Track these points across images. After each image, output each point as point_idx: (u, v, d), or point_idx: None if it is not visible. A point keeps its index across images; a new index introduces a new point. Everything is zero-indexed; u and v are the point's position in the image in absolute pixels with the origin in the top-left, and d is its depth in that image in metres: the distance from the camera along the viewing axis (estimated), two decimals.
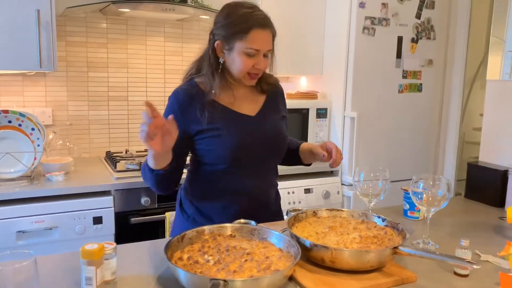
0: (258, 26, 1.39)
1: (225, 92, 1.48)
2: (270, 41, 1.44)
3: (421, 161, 2.95)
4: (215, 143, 1.44)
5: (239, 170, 1.49)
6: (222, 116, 1.46)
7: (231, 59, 1.44)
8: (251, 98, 1.55)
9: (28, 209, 1.97)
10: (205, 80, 1.47)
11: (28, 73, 2.49)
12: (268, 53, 1.45)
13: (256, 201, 1.54)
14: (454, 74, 2.99)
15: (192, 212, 1.55)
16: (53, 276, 1.13)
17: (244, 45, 1.39)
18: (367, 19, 2.56)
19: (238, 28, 1.39)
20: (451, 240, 1.45)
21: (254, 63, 1.42)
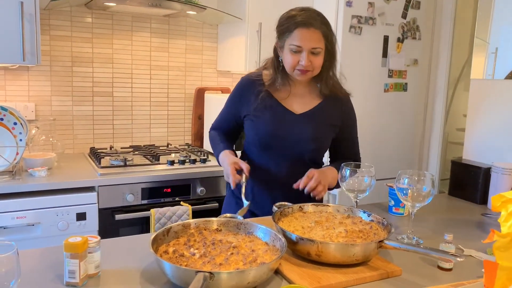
0: (301, 26, 1.48)
1: (283, 87, 1.61)
2: (315, 39, 1.49)
3: (405, 159, 2.98)
4: (254, 125, 1.62)
5: (268, 158, 1.62)
6: (268, 107, 1.60)
7: (283, 57, 1.56)
8: (306, 98, 1.64)
9: (9, 205, 1.93)
10: (271, 73, 1.62)
11: (10, 66, 2.45)
12: (317, 51, 1.50)
13: (284, 193, 1.58)
14: (439, 74, 3.03)
15: (229, 193, 1.77)
16: (35, 270, 1.10)
17: (289, 42, 1.51)
18: (354, 17, 2.58)
19: (285, 27, 1.52)
20: (435, 236, 1.47)
21: (298, 59, 1.51)
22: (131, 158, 2.41)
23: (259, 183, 1.64)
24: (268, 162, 1.62)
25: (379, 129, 2.80)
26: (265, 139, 1.59)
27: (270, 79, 1.62)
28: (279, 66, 1.60)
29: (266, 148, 1.61)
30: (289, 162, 1.61)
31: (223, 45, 2.97)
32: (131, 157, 2.44)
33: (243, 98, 1.65)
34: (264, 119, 1.59)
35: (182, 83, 2.96)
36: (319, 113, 1.62)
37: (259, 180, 1.64)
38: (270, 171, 1.62)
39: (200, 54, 2.98)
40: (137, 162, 2.41)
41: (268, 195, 1.63)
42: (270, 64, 1.64)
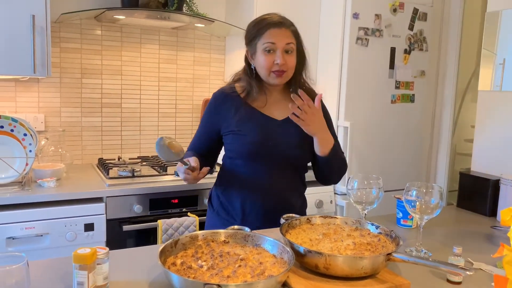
0: (272, 26, 1.51)
1: (259, 96, 1.61)
2: (287, 36, 1.52)
3: (413, 171, 2.96)
4: (238, 139, 1.58)
5: (257, 169, 1.59)
6: (249, 116, 1.59)
7: (256, 61, 1.57)
8: (284, 104, 1.63)
9: (18, 215, 1.95)
10: (243, 84, 1.62)
11: (21, 78, 2.48)
12: (290, 48, 1.52)
13: (273, 203, 1.60)
14: (446, 86, 3.03)
15: (217, 205, 1.69)
16: (44, 281, 1.11)
17: (261, 42, 1.52)
18: (361, 29, 2.59)
19: (255, 32, 1.55)
20: (443, 249, 1.46)
21: (273, 59, 1.51)
22: (139, 169, 2.42)
23: (249, 195, 1.61)
24: (256, 172, 1.59)
25: (386, 141, 2.80)
26: (252, 149, 1.57)
27: (244, 90, 1.60)
28: (252, 75, 1.60)
29: (253, 158, 1.58)
30: (278, 169, 1.60)
31: (230, 57, 3.00)
32: (139, 168, 2.45)
33: (220, 114, 1.62)
34: (249, 129, 1.57)
35: (190, 95, 2.98)
36: None
37: (250, 191, 1.61)
38: (259, 180, 1.60)
39: (208, 66, 3.00)
40: (145, 173, 2.42)
41: (260, 206, 1.60)
42: (242, 75, 1.64)
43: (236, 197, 1.62)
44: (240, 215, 1.62)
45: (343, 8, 2.58)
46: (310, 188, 2.61)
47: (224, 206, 1.66)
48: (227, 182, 1.67)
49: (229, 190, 1.65)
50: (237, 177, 1.62)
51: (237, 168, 1.62)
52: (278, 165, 1.59)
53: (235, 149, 1.60)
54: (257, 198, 1.60)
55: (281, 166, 1.60)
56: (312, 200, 2.60)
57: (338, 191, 2.70)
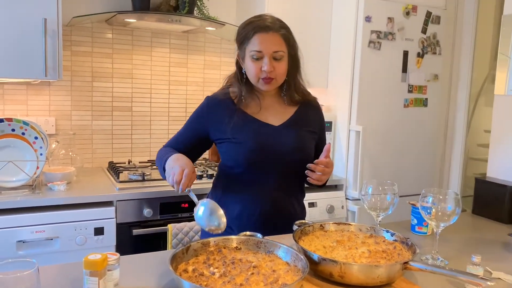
0: (259, 30, 1.44)
1: (253, 101, 1.55)
2: (275, 43, 1.44)
3: (426, 176, 2.92)
4: (234, 148, 1.51)
5: (255, 177, 1.53)
6: (245, 123, 1.52)
7: (245, 67, 1.51)
8: (278, 108, 1.58)
9: (29, 219, 1.94)
10: (235, 89, 1.56)
11: (32, 81, 2.49)
12: (279, 56, 1.46)
13: (271, 213, 1.55)
14: (460, 90, 2.98)
15: None
16: (54, 286, 1.10)
17: (249, 49, 1.46)
18: (373, 33, 2.57)
19: (243, 35, 1.48)
20: (460, 257, 1.42)
21: (260, 66, 1.45)
22: (149, 173, 2.41)
23: (246, 203, 1.54)
24: (254, 180, 1.53)
25: (399, 145, 2.76)
26: (249, 157, 1.50)
27: (238, 96, 1.54)
28: (243, 79, 1.54)
29: (250, 166, 1.51)
30: (277, 177, 1.54)
31: None
32: (149, 172, 2.44)
33: (212, 120, 1.55)
34: (245, 137, 1.50)
35: (200, 99, 2.94)
36: (296, 121, 1.57)
37: (247, 200, 1.54)
38: (257, 189, 1.53)
39: (218, 70, 2.99)
40: (155, 176, 2.41)
41: (258, 215, 1.54)
42: (234, 79, 1.58)
43: (233, 206, 1.55)
44: (237, 223, 1.55)
45: (355, 11, 2.56)
46: (321, 193, 2.60)
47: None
48: (223, 190, 1.60)
49: (226, 198, 1.58)
50: (234, 185, 1.56)
51: (234, 176, 1.56)
52: (276, 172, 1.53)
53: (231, 158, 1.54)
54: (255, 206, 1.54)
55: (280, 173, 1.54)
56: (323, 205, 2.57)
57: (350, 197, 2.67)
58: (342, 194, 2.65)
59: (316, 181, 1.48)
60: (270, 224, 1.53)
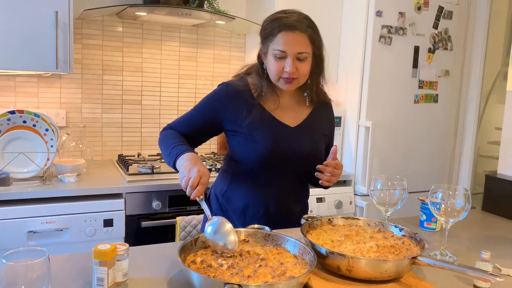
0: (285, 29, 1.38)
1: (271, 97, 1.51)
2: (300, 43, 1.39)
3: (435, 172, 2.90)
4: (247, 144, 1.48)
5: (265, 176, 1.51)
6: (262, 121, 1.48)
7: (267, 63, 1.46)
8: (295, 108, 1.55)
9: (39, 210, 1.97)
10: (256, 82, 1.51)
11: (43, 74, 2.51)
12: (303, 57, 1.40)
13: (275, 211, 1.54)
14: (471, 86, 2.96)
15: (216, 208, 1.60)
16: (64, 276, 1.11)
17: (273, 47, 1.41)
18: (384, 27, 2.55)
19: (268, 31, 1.42)
20: (469, 253, 1.41)
21: (283, 66, 1.40)
22: (158, 166, 2.42)
23: (251, 201, 1.53)
24: (262, 179, 1.51)
25: (408, 141, 2.75)
26: (264, 157, 1.46)
27: (257, 90, 1.49)
28: (263, 74, 1.49)
29: (262, 166, 1.48)
30: (285, 178, 1.53)
31: (250, 54, 2.98)
32: (158, 165, 2.45)
33: (229, 109, 1.49)
34: (261, 136, 1.46)
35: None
36: (311, 124, 1.55)
37: (252, 197, 1.53)
38: (264, 188, 1.52)
39: (227, 64, 2.99)
40: (164, 169, 2.42)
41: (262, 213, 1.53)
42: (254, 73, 1.52)
43: (237, 202, 1.54)
44: (240, 219, 1.54)
45: (366, 6, 2.54)
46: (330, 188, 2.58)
47: (223, 209, 1.58)
48: (229, 184, 1.57)
49: (230, 193, 1.56)
50: (240, 181, 1.54)
51: (241, 171, 1.53)
52: (286, 173, 1.52)
53: (243, 153, 1.50)
54: (259, 205, 1.53)
55: (289, 174, 1.53)
56: (332, 201, 2.56)
57: (358, 192, 2.66)
58: (350, 190, 2.65)
59: (327, 183, 1.46)
60: (273, 223, 1.49)
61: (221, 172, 1.64)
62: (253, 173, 1.51)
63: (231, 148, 1.56)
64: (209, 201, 1.65)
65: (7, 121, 2.10)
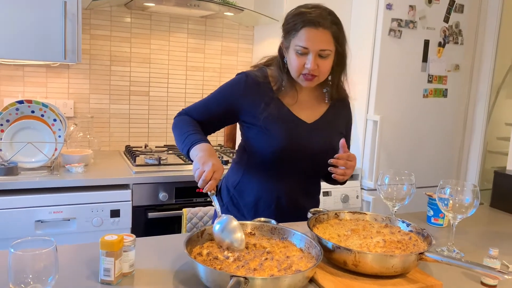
0: (309, 25, 1.35)
1: (290, 91, 1.49)
2: (323, 40, 1.36)
3: (443, 168, 2.88)
4: (263, 138, 1.46)
5: (278, 170, 1.50)
6: (279, 115, 1.46)
7: (288, 58, 1.44)
8: (313, 104, 1.53)
9: (47, 199, 1.98)
10: (276, 75, 1.49)
11: (52, 64, 2.51)
12: (325, 54, 1.38)
13: (286, 206, 1.53)
14: (481, 81, 2.92)
15: (227, 201, 1.59)
16: (71, 266, 1.12)
17: (295, 42, 1.38)
18: (394, 21, 2.52)
19: (291, 26, 1.39)
20: (476, 249, 1.40)
21: (304, 62, 1.38)
22: (165, 157, 2.43)
23: (264, 195, 1.52)
24: (276, 173, 1.50)
25: (416, 136, 2.73)
26: (279, 152, 1.45)
27: (277, 83, 1.48)
28: (284, 68, 1.47)
29: (278, 161, 1.47)
30: (299, 174, 1.52)
31: (258, 46, 2.96)
32: (165, 156, 2.46)
33: (248, 100, 1.47)
34: (277, 131, 1.45)
35: (217, 85, 2.96)
36: (328, 121, 1.53)
37: (265, 192, 1.52)
38: (278, 183, 1.51)
39: (235, 56, 2.98)
40: (171, 161, 2.42)
41: (274, 208, 1.52)
42: (275, 66, 1.50)
43: (249, 195, 1.53)
44: (252, 213, 1.53)
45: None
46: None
47: (235, 202, 1.57)
48: (241, 177, 1.56)
49: (242, 186, 1.55)
50: (253, 175, 1.53)
51: (255, 165, 1.52)
52: (299, 169, 1.51)
53: (256, 146, 1.49)
54: (272, 198, 1.52)
55: (302, 170, 1.52)
56: (338, 195, 2.56)
57: (365, 186, 2.65)
58: (357, 184, 2.64)
59: (342, 177, 1.44)
60: (285, 218, 1.51)
61: (234, 164, 1.63)
62: (267, 167, 1.50)
63: (245, 140, 1.54)
64: (220, 194, 1.64)
65: (15, 110, 2.11)
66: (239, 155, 1.60)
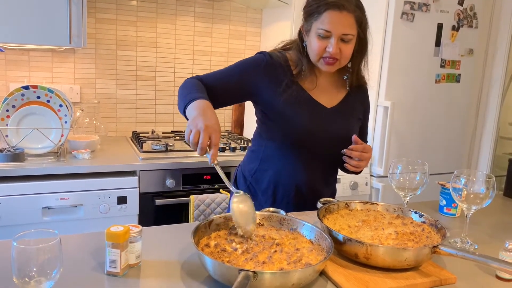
0: (332, 7, 1.31)
1: (310, 76, 1.46)
2: (347, 24, 1.32)
3: (454, 154, 2.83)
4: (281, 121, 1.43)
5: (296, 157, 1.47)
6: (298, 99, 1.43)
7: (308, 42, 1.40)
8: (332, 89, 1.50)
9: (54, 186, 1.97)
10: (296, 59, 1.45)
11: (57, 49, 2.48)
12: (348, 39, 1.34)
13: (305, 193, 1.51)
14: (495, 66, 2.84)
15: (244, 189, 1.55)
16: (76, 257, 1.10)
17: (317, 25, 1.34)
18: (406, 4, 2.44)
19: (313, 8, 1.35)
20: (490, 241, 1.37)
21: (326, 46, 1.34)
22: (172, 144, 2.40)
23: (282, 182, 1.49)
24: (294, 160, 1.47)
25: (428, 122, 2.67)
26: (298, 136, 1.43)
27: (297, 67, 1.44)
28: (304, 53, 1.43)
29: (294, 147, 1.45)
30: (317, 160, 1.48)
31: (267, 30, 2.90)
32: (172, 143, 2.43)
33: (267, 81, 1.43)
34: (297, 115, 1.42)
35: None
36: (347, 106, 1.50)
37: (283, 179, 1.49)
38: (296, 170, 1.47)
39: (243, 40, 2.92)
40: (178, 147, 2.40)
41: (293, 196, 1.49)
42: (294, 50, 1.46)
43: (267, 182, 1.50)
44: (270, 200, 1.51)
45: None
46: None
47: (252, 190, 1.54)
48: (258, 165, 1.53)
49: (260, 174, 1.52)
50: (271, 162, 1.50)
51: (272, 152, 1.49)
52: (318, 155, 1.48)
53: (274, 131, 1.46)
54: (290, 186, 1.49)
55: (321, 157, 1.49)
56: (347, 182, 2.52)
57: (374, 173, 2.61)
58: (366, 171, 2.60)
59: (355, 168, 1.42)
60: (301, 205, 1.49)
61: (249, 153, 1.59)
62: (285, 154, 1.47)
63: (262, 125, 1.52)
64: (236, 182, 1.61)
65: (21, 96, 2.09)
66: (256, 142, 1.57)
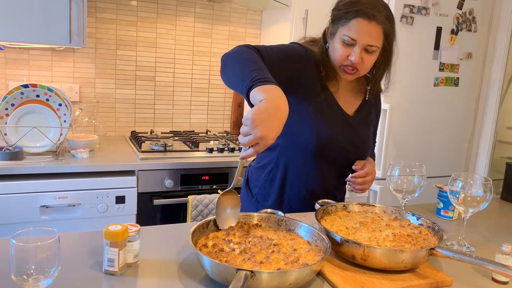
0: (362, 16, 1.27)
1: (333, 80, 1.42)
2: (374, 35, 1.29)
3: (452, 157, 2.84)
4: (307, 122, 1.39)
5: (314, 158, 1.44)
6: (328, 106, 1.41)
7: (332, 45, 1.37)
8: (351, 95, 1.49)
9: (52, 185, 1.97)
10: (320, 59, 1.40)
11: (57, 48, 2.48)
12: (372, 50, 1.31)
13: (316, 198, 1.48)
14: (494, 69, 2.86)
15: (256, 192, 1.55)
16: (74, 255, 1.10)
17: (343, 31, 1.31)
18: (406, 7, 2.45)
19: (342, 12, 1.32)
20: (487, 244, 1.37)
21: (348, 53, 1.32)
22: (171, 144, 2.40)
23: (297, 185, 1.47)
24: (313, 170, 1.45)
25: (426, 125, 2.68)
26: (322, 144, 1.40)
27: (324, 69, 1.40)
28: (326, 54, 1.40)
29: (318, 154, 1.42)
30: (333, 167, 1.47)
31: (266, 32, 2.91)
32: (171, 143, 2.43)
33: (306, 72, 1.38)
34: (325, 121, 1.39)
35: None
36: (364, 113, 1.50)
37: (299, 181, 1.47)
38: (313, 173, 1.45)
39: (243, 41, 2.93)
40: (176, 148, 2.40)
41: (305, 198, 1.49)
42: (319, 51, 1.40)
43: (281, 181, 1.48)
44: (283, 199, 1.50)
45: None
46: None
47: (264, 194, 1.53)
48: (273, 172, 1.50)
49: (274, 172, 1.49)
50: (287, 161, 1.46)
51: (290, 151, 1.45)
52: (339, 166, 1.48)
53: (298, 131, 1.40)
54: (303, 186, 1.48)
55: (337, 163, 1.48)
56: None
57: None
58: None
59: (360, 191, 1.46)
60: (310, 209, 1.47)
61: (262, 153, 1.55)
62: (303, 154, 1.44)
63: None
64: (248, 185, 1.59)
65: (20, 94, 2.09)
66: None
